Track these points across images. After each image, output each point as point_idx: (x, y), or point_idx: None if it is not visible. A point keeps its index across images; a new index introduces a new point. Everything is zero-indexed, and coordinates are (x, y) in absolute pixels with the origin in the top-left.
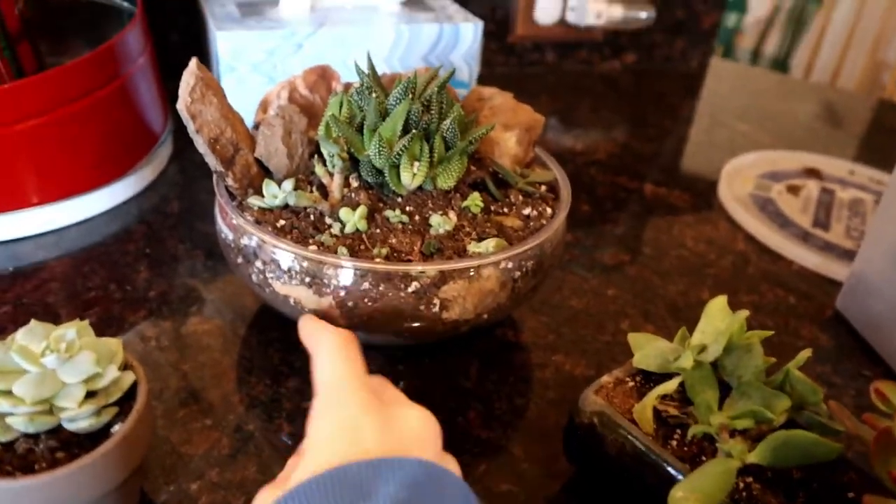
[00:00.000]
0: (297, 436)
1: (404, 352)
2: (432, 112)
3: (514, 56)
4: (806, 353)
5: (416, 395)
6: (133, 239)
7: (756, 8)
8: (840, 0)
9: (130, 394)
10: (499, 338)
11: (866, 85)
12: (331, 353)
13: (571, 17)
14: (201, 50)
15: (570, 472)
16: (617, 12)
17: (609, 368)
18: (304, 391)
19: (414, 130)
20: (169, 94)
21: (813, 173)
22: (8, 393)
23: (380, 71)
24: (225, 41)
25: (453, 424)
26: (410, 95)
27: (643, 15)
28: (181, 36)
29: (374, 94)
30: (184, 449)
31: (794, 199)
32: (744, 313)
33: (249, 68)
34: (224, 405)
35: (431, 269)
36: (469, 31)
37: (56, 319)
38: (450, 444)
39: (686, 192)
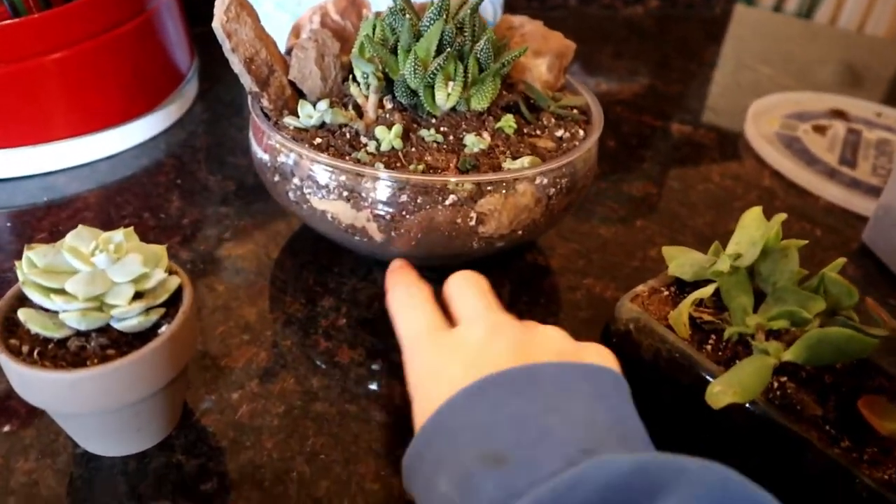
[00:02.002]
0: (333, 352)
1: (438, 274)
2: (465, 34)
3: (536, 0)
4: (841, 261)
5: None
6: (164, 171)
7: None
8: None
9: (175, 298)
10: (529, 263)
11: (888, 40)
12: (400, 312)
13: None
14: None
15: None
16: None
17: None
18: (340, 309)
19: (448, 50)
20: (194, 36)
21: (839, 114)
22: (61, 291)
23: None
24: None
25: None
26: (444, 16)
27: None
28: None
29: (407, 15)
30: (223, 362)
31: (821, 138)
32: (781, 217)
33: (273, 6)
34: (261, 322)
35: (468, 180)
36: None
37: None
38: None
39: (712, 131)
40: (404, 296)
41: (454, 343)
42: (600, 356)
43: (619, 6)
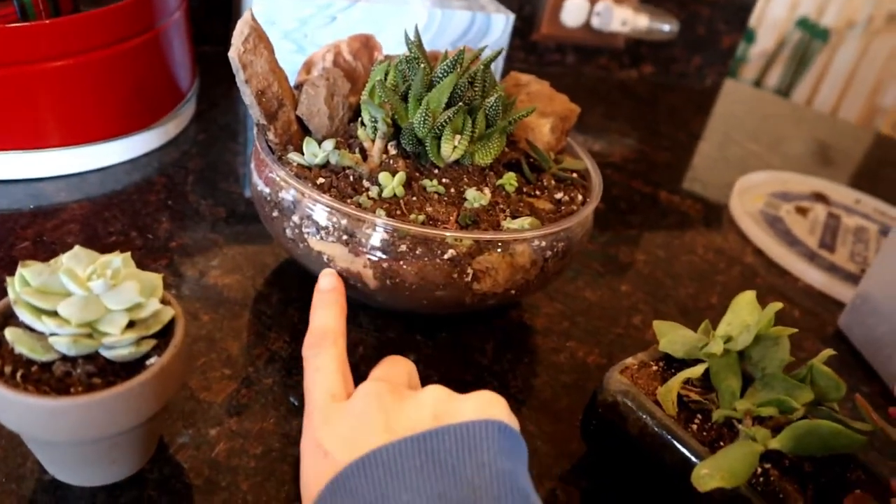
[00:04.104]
0: None
1: (423, 322)
2: (476, 89)
3: (534, 54)
4: (828, 352)
5: (433, 365)
6: (154, 190)
7: (763, 39)
8: (845, 39)
9: (166, 330)
10: (514, 320)
11: (861, 127)
12: (307, 372)
13: (596, 22)
14: (227, 16)
15: (580, 454)
16: (642, 22)
17: (621, 359)
18: None
19: (460, 103)
20: (197, 55)
21: (820, 198)
22: (53, 313)
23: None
24: (261, 4)
25: None
26: (458, 69)
27: (667, 27)
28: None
29: (421, 65)
30: (203, 396)
31: (803, 219)
32: (776, 306)
33: (280, 35)
34: (243, 357)
35: (469, 237)
36: (500, 23)
37: None
38: None
39: (698, 202)
40: (313, 353)
41: (338, 418)
42: (479, 408)
43: (614, 69)
